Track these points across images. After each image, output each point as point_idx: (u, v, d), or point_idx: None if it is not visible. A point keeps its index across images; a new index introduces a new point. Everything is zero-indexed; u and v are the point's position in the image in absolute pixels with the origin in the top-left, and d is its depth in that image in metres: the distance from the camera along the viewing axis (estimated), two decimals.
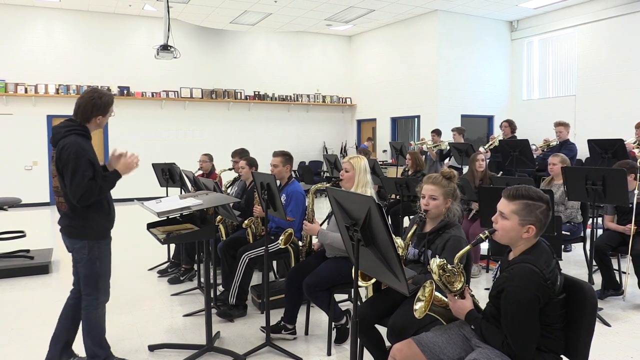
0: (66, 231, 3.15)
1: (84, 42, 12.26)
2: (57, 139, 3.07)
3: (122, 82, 12.44)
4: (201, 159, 6.77)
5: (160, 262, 6.20)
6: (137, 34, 12.75)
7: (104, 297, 3.24)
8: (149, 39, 12.51)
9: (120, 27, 12.57)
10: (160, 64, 11.68)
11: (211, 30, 13.47)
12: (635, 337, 4.04)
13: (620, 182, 4.32)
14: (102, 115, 3.17)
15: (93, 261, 3.12)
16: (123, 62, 12.61)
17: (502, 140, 7.72)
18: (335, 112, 15.41)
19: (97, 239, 3.13)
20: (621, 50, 10.76)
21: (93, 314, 3.20)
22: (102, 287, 3.21)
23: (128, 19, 12.61)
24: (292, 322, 3.95)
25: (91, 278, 3.15)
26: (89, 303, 3.19)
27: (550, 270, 2.14)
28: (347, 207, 2.30)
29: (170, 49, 9.23)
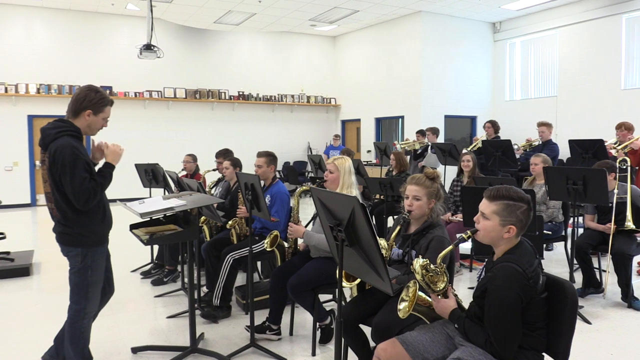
0: (60, 238, 3.01)
1: (65, 41, 12.11)
2: (48, 142, 2.91)
3: (104, 81, 12.30)
4: (185, 159, 6.73)
5: (143, 264, 6.16)
6: (120, 33, 12.63)
7: (91, 307, 3.10)
8: (132, 38, 12.41)
9: (103, 26, 12.44)
10: (144, 63, 11.59)
11: (195, 29, 13.40)
12: (615, 334, 4.10)
13: (601, 181, 4.38)
14: (93, 111, 3.01)
15: (85, 269, 2.99)
16: (105, 61, 12.48)
17: (485, 141, 7.79)
18: (319, 112, 15.42)
19: (91, 247, 3.01)
20: (600, 52, 10.94)
21: (79, 324, 3.06)
22: (92, 296, 3.07)
23: (111, 18, 12.48)
24: (277, 322, 3.95)
25: (81, 287, 3.02)
26: (75, 312, 3.04)
27: (532, 270, 2.16)
28: (331, 207, 2.30)
29: (153, 49, 9.17)
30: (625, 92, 10.54)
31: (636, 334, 4.13)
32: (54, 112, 11.43)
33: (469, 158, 6.13)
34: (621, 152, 5.67)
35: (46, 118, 10.82)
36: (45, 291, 5.50)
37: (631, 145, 5.72)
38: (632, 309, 4.61)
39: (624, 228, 4.70)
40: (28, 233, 9.02)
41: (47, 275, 6.02)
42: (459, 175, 6.40)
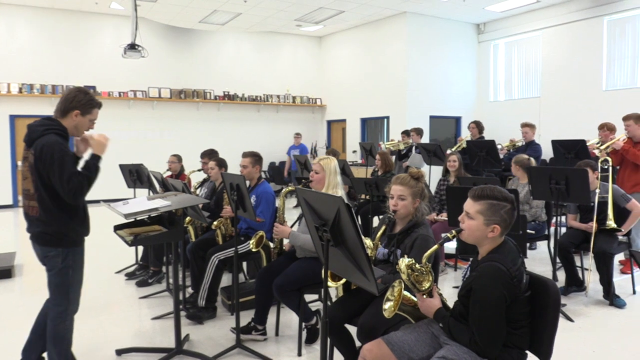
0: (39, 238, 2.96)
1: (48, 40, 11.96)
2: (34, 138, 2.89)
3: (88, 81, 12.17)
4: (170, 159, 6.70)
5: (127, 265, 6.11)
6: (104, 32, 12.50)
7: (73, 308, 3.07)
8: (116, 37, 12.30)
9: (87, 25, 12.30)
10: (128, 63, 11.48)
11: (180, 29, 13.32)
12: (597, 331, 4.16)
13: (583, 181, 4.44)
14: (81, 112, 3.00)
15: (66, 270, 2.96)
16: (89, 61, 12.34)
17: (470, 141, 7.84)
18: (305, 112, 15.42)
19: (72, 247, 2.97)
20: (582, 54, 11.08)
21: (61, 327, 3.03)
22: (73, 297, 3.04)
23: (94, 17, 12.35)
24: (263, 323, 3.94)
25: (62, 287, 2.98)
26: (57, 314, 3.02)
27: (516, 269, 2.19)
28: (316, 207, 2.31)
29: (137, 48, 9.10)
30: (607, 93, 10.70)
31: (618, 331, 4.20)
32: (37, 112, 11.29)
33: (455, 158, 6.19)
34: (603, 152, 5.74)
35: (28, 118, 10.67)
36: (28, 293, 5.43)
37: (613, 146, 5.80)
38: (613, 306, 4.68)
39: (605, 227, 4.78)
40: (9, 234, 8.90)
41: (30, 277, 5.94)
42: (445, 175, 6.45)
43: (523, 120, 8.15)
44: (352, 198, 7.11)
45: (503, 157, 7.66)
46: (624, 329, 4.25)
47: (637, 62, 10.36)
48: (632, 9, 10.20)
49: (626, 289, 5.06)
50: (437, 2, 11.36)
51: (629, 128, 5.84)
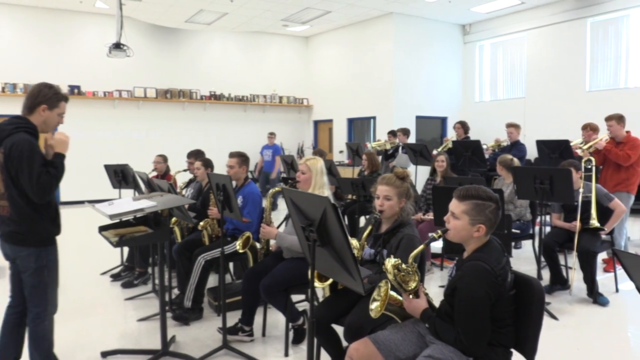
0: (10, 238, 2.92)
1: (32, 39, 11.81)
2: (3, 137, 2.86)
3: (72, 80, 12.05)
4: (155, 160, 6.66)
5: (113, 266, 6.06)
6: (89, 31, 12.38)
7: (52, 308, 3.04)
8: (101, 36, 12.17)
9: (71, 24, 12.17)
10: (113, 62, 11.38)
11: (166, 28, 13.23)
12: (581, 329, 4.21)
13: (567, 181, 4.49)
14: (48, 106, 2.97)
15: (41, 270, 2.93)
16: (74, 60, 12.22)
17: (455, 141, 7.89)
18: (292, 112, 15.40)
19: (44, 246, 2.95)
20: (566, 55, 11.21)
21: (40, 327, 2.99)
22: (51, 297, 3.01)
23: (79, 15, 12.23)
24: (249, 324, 3.93)
25: (39, 288, 2.95)
26: (36, 315, 2.98)
27: (500, 268, 2.21)
28: (303, 207, 2.31)
29: (123, 48, 9.03)
30: (590, 94, 10.83)
31: (601, 328, 4.26)
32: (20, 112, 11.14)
33: (442, 158, 6.24)
34: (586, 152, 5.82)
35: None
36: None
37: (596, 146, 5.88)
38: (597, 304, 4.74)
39: (589, 226, 4.84)
40: None
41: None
42: (432, 174, 6.49)
43: (508, 121, 8.22)
44: (338, 198, 7.12)
45: (488, 157, 7.72)
46: (607, 326, 4.31)
47: (619, 63, 10.51)
48: (614, 10, 10.35)
49: (609, 287, 5.13)
50: (423, 3, 11.42)
51: (612, 128, 5.92)
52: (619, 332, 4.25)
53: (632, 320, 4.57)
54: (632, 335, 4.22)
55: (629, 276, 2.29)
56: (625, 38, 10.37)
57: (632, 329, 4.36)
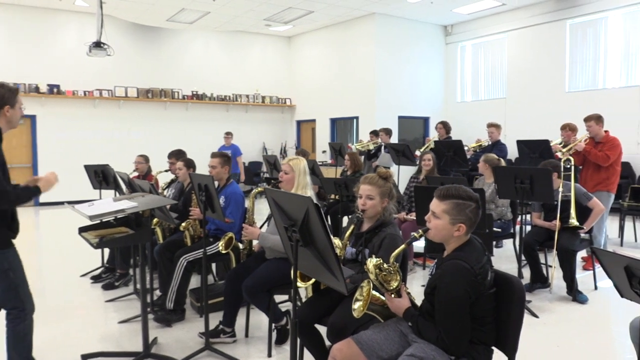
0: None
1: (10, 37, 11.62)
2: None
3: (52, 79, 11.90)
4: (137, 160, 6.59)
5: (93, 268, 5.99)
6: (68, 29, 12.22)
7: (29, 306, 3.03)
8: (81, 35, 12.02)
9: (50, 23, 12.00)
10: (93, 61, 11.24)
11: (147, 27, 13.12)
12: (561, 326, 4.27)
13: (546, 180, 4.55)
14: (10, 105, 2.94)
15: (6, 273, 2.91)
16: (53, 59, 12.05)
17: (437, 141, 7.95)
18: (274, 112, 15.38)
19: (2, 249, 2.91)
20: (546, 56, 11.37)
21: (20, 327, 2.98)
22: (24, 295, 3.00)
23: (58, 14, 12.06)
24: (232, 325, 3.91)
25: (10, 290, 2.94)
26: (15, 315, 2.97)
27: (480, 266, 2.22)
28: (285, 207, 2.30)
29: (103, 46, 8.93)
30: (570, 95, 10.99)
31: (580, 326, 4.32)
32: None
33: (429, 157, 6.28)
34: (566, 152, 5.89)
35: None
36: None
37: (575, 147, 5.96)
38: (576, 302, 4.81)
39: (568, 225, 4.90)
40: None
41: None
42: (417, 173, 6.51)
43: (489, 121, 8.30)
44: (321, 198, 7.12)
45: (470, 157, 7.79)
46: (587, 323, 4.38)
47: (597, 64, 10.68)
48: (593, 12, 10.51)
49: (588, 285, 5.21)
50: (405, 4, 11.48)
51: (590, 128, 6.01)
52: (598, 329, 4.32)
53: (610, 318, 4.64)
54: (611, 332, 4.29)
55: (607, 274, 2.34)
56: (604, 40, 10.55)
57: (610, 325, 4.43)
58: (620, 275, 2.19)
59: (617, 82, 10.38)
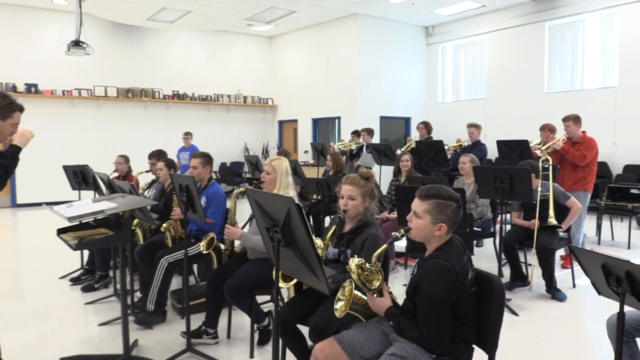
0: None
1: None
2: None
3: (29, 78, 11.70)
4: (117, 160, 6.53)
5: (72, 270, 5.90)
6: (47, 28, 12.03)
7: None
8: (59, 33, 11.84)
9: (28, 21, 11.80)
10: (72, 60, 11.10)
11: (127, 26, 12.98)
12: (540, 324, 4.32)
13: (526, 180, 4.61)
14: (1, 117, 2.88)
15: None
16: (31, 57, 11.85)
17: (419, 141, 8.00)
18: (256, 112, 15.33)
19: None
20: (525, 57, 11.52)
21: None
22: None
23: (36, 12, 11.87)
24: (214, 326, 3.89)
25: None
26: None
27: (461, 266, 2.24)
28: (267, 208, 2.30)
29: (82, 45, 8.82)
30: (548, 96, 11.15)
31: (559, 323, 4.38)
32: None
33: (407, 158, 6.31)
34: (545, 152, 5.97)
35: None
36: None
37: (553, 146, 6.04)
38: (555, 300, 4.88)
39: (547, 224, 4.97)
40: None
41: None
42: (396, 174, 6.54)
43: (470, 121, 8.38)
44: (303, 198, 7.12)
45: (450, 156, 7.85)
46: (565, 321, 4.45)
47: (575, 65, 10.85)
48: (571, 15, 10.68)
49: (567, 283, 5.29)
50: (387, 5, 11.53)
51: (568, 129, 6.10)
52: (576, 326, 4.39)
53: (588, 315, 4.71)
54: (589, 328, 4.35)
55: (584, 272, 2.37)
56: (581, 41, 10.72)
57: (588, 323, 4.50)
58: (597, 273, 2.23)
59: (595, 83, 10.56)
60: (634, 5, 9.72)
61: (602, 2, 10.16)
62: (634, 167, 9.78)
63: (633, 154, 9.86)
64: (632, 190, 7.52)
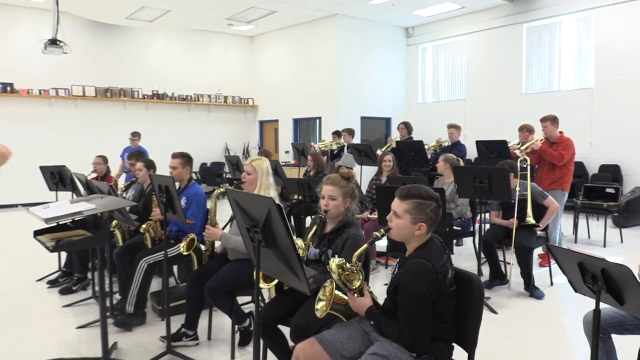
0: None
1: None
2: None
3: (5, 77, 11.48)
4: (95, 161, 6.46)
5: (50, 272, 5.81)
6: (23, 26, 11.81)
7: None
8: (36, 32, 11.62)
9: (4, 18, 11.58)
10: (49, 59, 10.90)
11: (106, 25, 12.81)
12: (519, 322, 4.38)
13: (504, 180, 4.67)
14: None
15: None
16: (7, 56, 11.62)
17: (399, 142, 8.05)
18: (237, 112, 15.26)
19: None
20: (504, 58, 11.67)
21: None
22: None
23: (12, 9, 11.65)
24: (194, 327, 3.86)
25: None
26: None
27: (441, 265, 2.26)
28: (247, 208, 2.29)
29: (59, 44, 8.69)
30: (526, 96, 11.31)
31: (537, 320, 4.45)
32: None
33: (390, 158, 6.36)
34: (523, 152, 6.05)
35: None
36: None
37: (531, 146, 6.12)
38: (533, 297, 4.95)
39: (525, 223, 5.03)
40: None
41: None
42: (378, 174, 6.57)
43: (449, 122, 8.46)
44: (284, 199, 7.11)
45: (430, 157, 7.91)
46: (543, 318, 4.51)
47: (552, 67, 11.02)
48: (548, 17, 10.85)
49: (544, 281, 5.37)
50: (367, 5, 11.57)
51: (546, 129, 6.19)
52: (553, 323, 4.46)
53: (565, 312, 4.79)
54: (566, 325, 4.42)
55: (561, 270, 2.41)
56: (558, 43, 10.89)
57: (565, 320, 4.57)
58: (574, 271, 2.27)
59: (571, 84, 10.74)
60: (609, 8, 9.91)
61: (578, 5, 10.34)
62: (609, 166, 9.96)
63: (608, 154, 10.04)
64: (608, 189, 7.66)
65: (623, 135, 9.82)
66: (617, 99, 9.87)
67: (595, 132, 10.19)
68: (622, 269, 2.04)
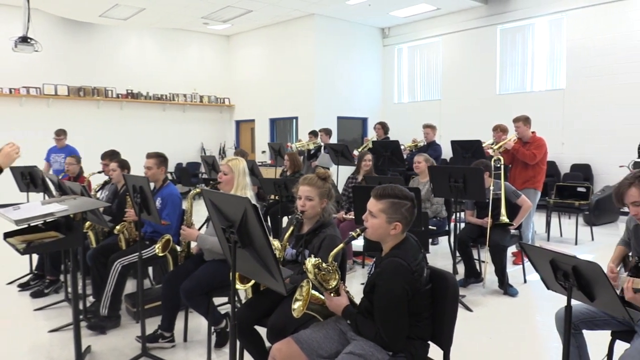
0: None
1: None
2: None
3: None
4: (68, 161, 6.34)
5: (21, 275, 5.69)
6: None
7: None
8: (6, 29, 11.32)
9: None
10: (20, 57, 10.65)
11: (78, 23, 12.58)
12: (493, 319, 4.45)
13: (479, 179, 4.73)
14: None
15: None
16: None
17: (376, 142, 8.09)
18: (213, 112, 15.14)
19: None
20: (478, 59, 11.82)
21: None
22: None
23: None
24: (170, 329, 3.83)
25: None
26: None
27: (417, 264, 2.28)
28: (223, 209, 2.28)
29: (30, 42, 8.51)
30: (500, 97, 11.48)
31: (511, 317, 4.52)
32: None
33: (369, 157, 6.41)
34: (497, 152, 6.13)
35: None
36: None
37: (505, 146, 6.22)
38: (507, 295, 5.02)
39: (499, 222, 5.11)
40: None
41: None
42: (355, 173, 6.59)
43: (425, 122, 8.54)
44: (261, 199, 7.09)
45: (406, 156, 7.97)
46: (517, 315, 4.59)
47: (525, 68, 11.21)
48: (521, 19, 11.02)
49: (518, 279, 5.45)
50: (344, 5, 11.60)
51: (519, 129, 6.29)
52: (527, 320, 4.54)
53: (538, 309, 4.87)
54: (539, 322, 4.50)
55: (534, 268, 2.45)
56: (531, 45, 11.08)
57: (538, 316, 4.66)
58: (546, 268, 2.31)
59: (543, 85, 10.93)
60: (580, 10, 10.11)
61: (550, 8, 10.52)
62: (580, 166, 10.17)
63: (579, 153, 10.25)
64: (579, 188, 7.83)
65: (593, 136, 10.03)
66: (587, 100, 10.08)
67: (567, 132, 10.39)
68: (592, 266, 2.09)
